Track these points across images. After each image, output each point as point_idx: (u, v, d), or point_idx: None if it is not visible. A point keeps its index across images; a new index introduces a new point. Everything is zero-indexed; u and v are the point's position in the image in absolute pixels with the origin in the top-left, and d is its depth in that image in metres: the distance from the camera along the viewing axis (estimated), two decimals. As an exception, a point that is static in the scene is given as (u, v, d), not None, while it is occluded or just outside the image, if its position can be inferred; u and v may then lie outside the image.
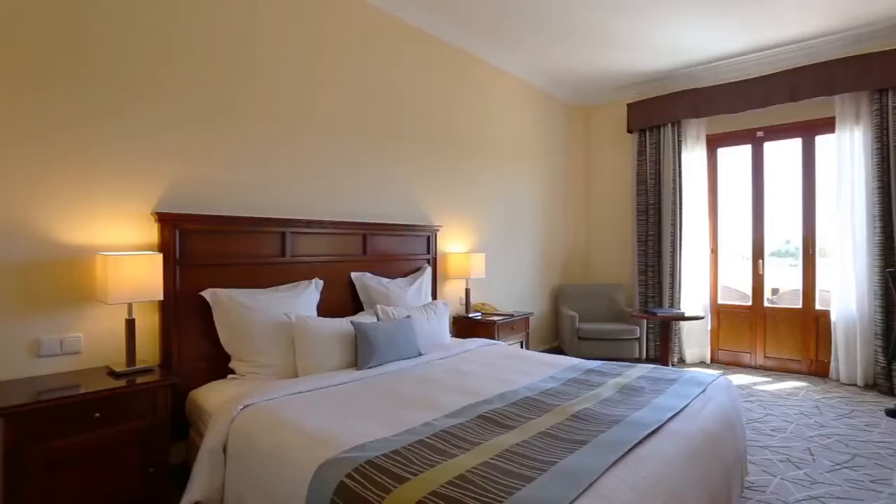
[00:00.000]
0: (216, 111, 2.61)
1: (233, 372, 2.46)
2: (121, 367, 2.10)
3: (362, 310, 3.17)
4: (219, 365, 2.49)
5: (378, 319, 2.92)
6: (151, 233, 2.37)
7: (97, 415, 1.84)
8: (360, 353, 2.58)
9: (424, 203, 3.86)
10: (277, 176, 2.90)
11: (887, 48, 3.97)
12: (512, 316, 3.97)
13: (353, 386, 2.31)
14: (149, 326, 2.36)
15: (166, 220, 2.36)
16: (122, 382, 1.95)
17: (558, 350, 5.20)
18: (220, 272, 2.57)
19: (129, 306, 2.13)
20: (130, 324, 2.11)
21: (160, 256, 2.19)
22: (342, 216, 3.24)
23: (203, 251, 2.50)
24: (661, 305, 5.02)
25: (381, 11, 3.51)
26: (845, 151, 4.17)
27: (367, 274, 3.27)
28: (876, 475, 2.54)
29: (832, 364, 4.30)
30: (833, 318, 4.25)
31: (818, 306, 4.52)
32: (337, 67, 3.23)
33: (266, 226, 2.74)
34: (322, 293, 2.95)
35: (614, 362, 2.75)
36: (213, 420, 2.00)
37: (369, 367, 2.57)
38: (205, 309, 2.47)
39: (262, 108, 2.82)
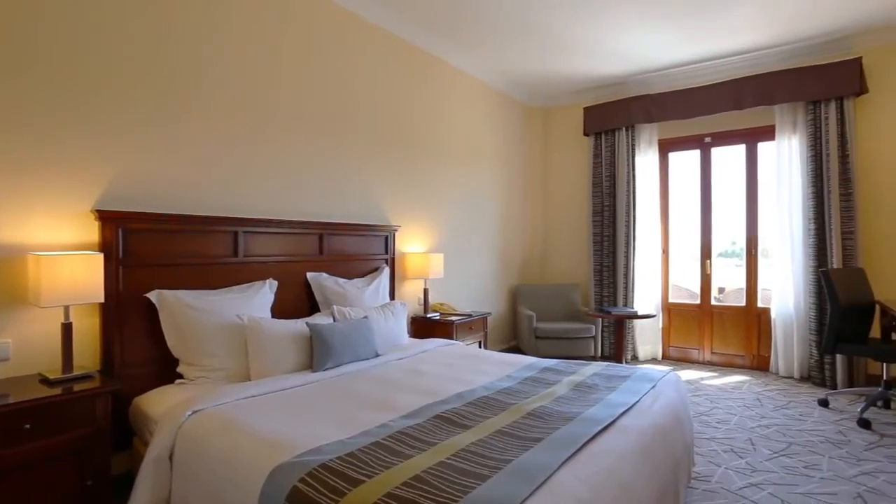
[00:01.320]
0: (165, 105, 2.50)
1: (181, 376, 2.37)
2: (56, 374, 1.97)
3: (318, 311, 3.11)
4: (166, 370, 2.39)
5: (334, 320, 2.87)
6: (92, 232, 2.24)
7: (27, 426, 1.72)
8: (316, 354, 2.53)
9: (383, 203, 3.83)
10: (231, 174, 2.81)
11: (821, 63, 4.24)
12: (470, 316, 4.00)
13: (309, 388, 2.26)
14: (88, 330, 2.23)
15: (108, 219, 2.24)
16: (56, 390, 1.83)
17: (516, 349, 5.27)
18: (168, 273, 2.46)
19: (66, 309, 2.00)
20: (67, 328, 1.99)
21: (101, 256, 2.07)
22: (298, 216, 3.17)
23: (149, 251, 2.39)
24: (615, 304, 5.17)
25: (342, 9, 3.46)
26: (784, 158, 4.41)
27: (324, 274, 3.21)
28: (809, 461, 2.70)
29: (772, 358, 4.54)
30: (773, 315, 4.49)
31: (760, 304, 4.76)
32: (295, 64, 3.16)
33: (218, 225, 2.65)
34: (277, 294, 2.88)
35: (570, 360, 2.81)
36: (159, 427, 1.91)
37: (325, 369, 2.52)
38: (151, 311, 2.36)
39: (217, 104, 2.72)
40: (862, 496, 2.33)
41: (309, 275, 3.15)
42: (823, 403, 3.66)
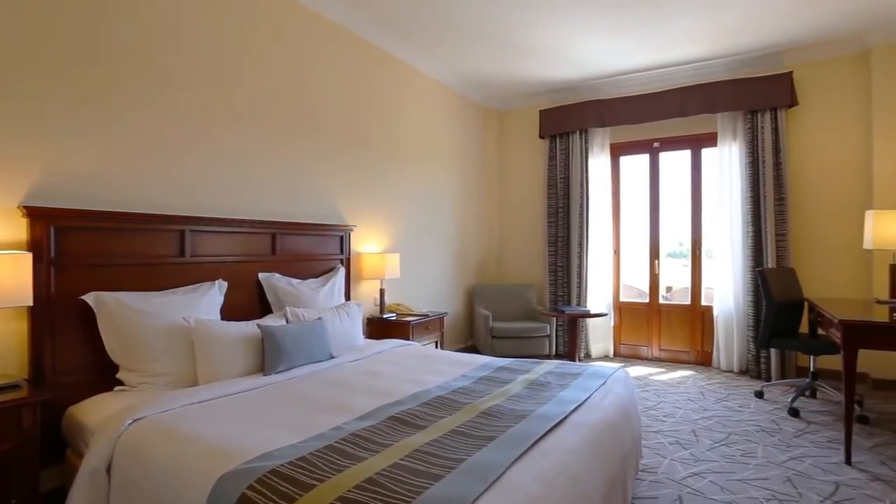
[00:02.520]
0: (105, 97, 2.36)
1: (121, 383, 2.25)
2: (-22, 383, 1.83)
3: (271, 312, 3.03)
4: (104, 376, 2.26)
5: (287, 322, 2.80)
6: (19, 230, 2.09)
7: (-56, 439, 1.59)
8: (268, 357, 2.46)
9: (339, 202, 3.77)
10: (179, 171, 2.69)
11: (758, 75, 4.51)
12: (427, 316, 4.00)
13: (260, 392, 2.20)
14: (15, 336, 2.08)
15: (39, 216, 2.10)
16: (-22, 401, 1.70)
17: (473, 349, 5.31)
18: (107, 273, 2.33)
19: (-10, 313, 1.86)
20: (-8, 333, 1.85)
21: (29, 256, 1.94)
22: (250, 214, 3.08)
23: (86, 251, 2.25)
24: (569, 304, 5.29)
25: (300, 5, 3.39)
26: (725, 163, 4.65)
27: (276, 274, 3.13)
28: (745, 450, 2.86)
29: (714, 354, 4.78)
30: (715, 312, 4.73)
31: (704, 302, 5.00)
32: (249, 60, 3.06)
33: (163, 223, 2.53)
34: (226, 295, 2.78)
35: (525, 359, 2.85)
36: (95, 437, 1.80)
37: (277, 372, 2.46)
38: (87, 315, 2.23)
39: (164, 97, 2.60)
40: (791, 479, 2.49)
41: (261, 275, 3.06)
42: (759, 395, 3.89)
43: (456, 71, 4.93)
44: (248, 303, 2.99)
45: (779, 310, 3.66)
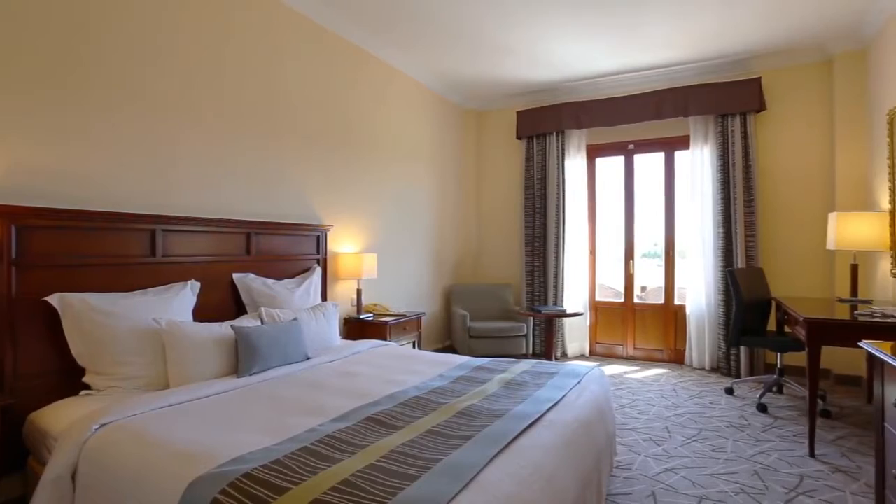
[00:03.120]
0: (72, 90, 2.29)
1: (88, 388, 2.18)
2: (-66, 388, 1.76)
3: (245, 313, 2.98)
4: (69, 380, 2.19)
5: (262, 323, 2.76)
6: (-20, 228, 2.01)
7: None
8: (242, 359, 2.42)
9: (315, 202, 3.73)
10: (151, 169, 2.62)
11: (728, 80, 4.63)
12: (404, 316, 3.99)
13: (234, 395, 2.16)
14: (-25, 338, 2.00)
15: None
16: (-66, 407, 1.63)
17: (450, 349, 5.32)
18: (73, 274, 2.25)
19: (-53, 315, 1.79)
20: (-51, 336, 1.78)
21: (-9, 256, 1.87)
22: (225, 214, 3.02)
23: (50, 250, 2.18)
24: (545, 303, 5.35)
25: (279, 3, 3.35)
26: (697, 166, 4.76)
27: (251, 275, 3.08)
28: (716, 445, 2.93)
29: (687, 352, 4.89)
30: (688, 311, 4.84)
31: (677, 301, 5.11)
32: (227, 58, 3.00)
33: (133, 222, 2.46)
34: (199, 296, 2.72)
35: (502, 359, 2.87)
36: (59, 443, 1.75)
37: (252, 374, 2.42)
38: (52, 317, 2.15)
39: (135, 93, 2.53)
40: (758, 473, 2.56)
41: (235, 276, 3.01)
42: (729, 391, 3.99)
43: (434, 71, 4.93)
44: (221, 304, 2.94)
45: (747, 309, 3.76)
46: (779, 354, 3.84)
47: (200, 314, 2.70)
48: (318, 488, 1.31)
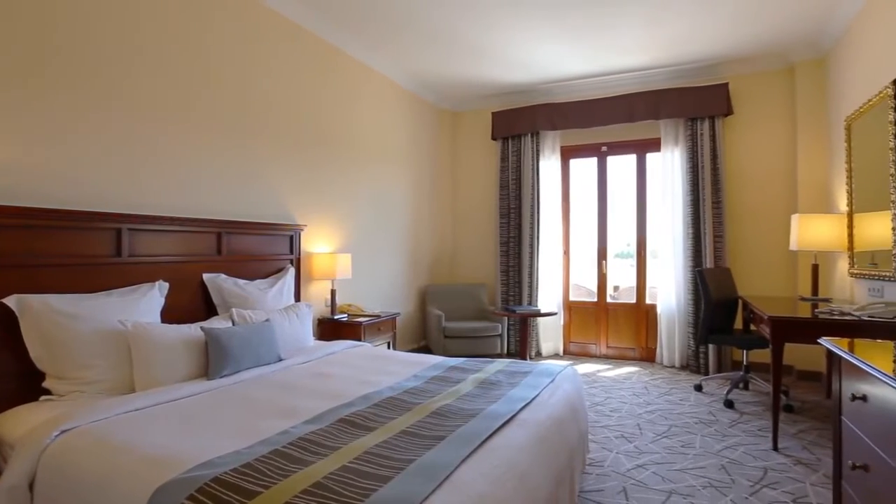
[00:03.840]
0: (29, 75, 2.20)
1: (48, 393, 2.10)
2: None
3: (216, 314, 2.92)
4: (28, 386, 2.10)
5: (233, 324, 2.71)
6: (-69, 226, 1.92)
7: None
8: (212, 361, 2.37)
9: (288, 201, 3.68)
10: (117, 166, 2.54)
11: (697, 84, 4.75)
12: (379, 317, 3.96)
13: (203, 398, 2.11)
14: (-74, 342, 1.91)
15: (-47, 212, 1.93)
16: None
17: (425, 349, 5.32)
18: (33, 275, 2.17)
19: None
20: None
21: (-58, 256, 1.78)
22: (194, 212, 2.95)
23: (6, 250, 2.08)
24: (520, 303, 5.39)
25: (254, 0, 3.29)
26: (668, 168, 4.87)
27: (222, 275, 3.02)
28: (685, 441, 3.01)
29: (658, 350, 4.99)
30: (659, 310, 4.94)
31: (648, 301, 5.21)
32: (198, 53, 2.93)
33: (97, 221, 2.38)
34: (168, 297, 2.65)
35: (476, 358, 2.88)
36: (16, 451, 1.68)
37: (222, 376, 2.37)
38: (9, 319, 2.07)
39: (98, 87, 2.45)
40: (725, 467, 2.64)
41: (206, 276, 2.94)
42: (698, 388, 4.10)
43: (410, 70, 4.91)
44: (191, 305, 2.87)
45: (715, 308, 3.87)
46: (745, 352, 3.96)
47: (169, 316, 2.63)
48: (289, 491, 1.29)
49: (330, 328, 3.79)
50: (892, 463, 1.29)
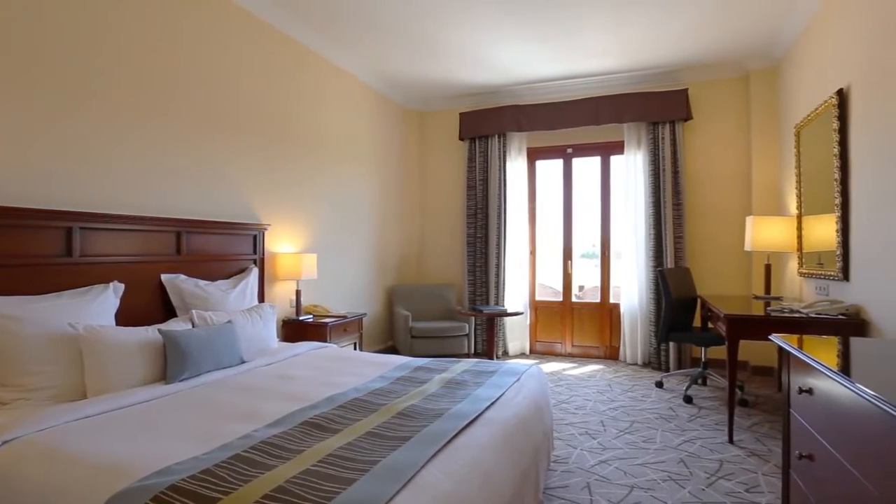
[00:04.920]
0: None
1: (-9, 400, 1.99)
2: None
3: (175, 316, 2.82)
4: (-31, 392, 1.98)
5: (193, 326, 2.63)
6: None
7: None
8: (170, 364, 2.29)
9: (252, 200, 3.59)
10: (67, 161, 2.42)
11: (659, 90, 4.89)
12: (345, 317, 3.92)
13: (161, 402, 2.04)
14: None
15: None
16: None
17: (393, 349, 5.29)
18: (-26, 275, 2.05)
19: None
20: None
21: None
22: (152, 211, 2.85)
23: (-55, 249, 1.97)
24: (487, 303, 5.43)
25: (204, -12, 3.19)
26: (631, 170, 5.00)
27: (182, 276, 2.92)
28: (646, 436, 3.09)
29: (621, 348, 5.12)
30: (622, 309, 5.06)
31: (612, 300, 5.34)
32: (158, 46, 2.82)
33: (45, 219, 2.27)
34: (123, 299, 2.55)
35: (442, 358, 2.89)
36: (-46, 463, 1.58)
37: (181, 380, 2.30)
38: (-53, 322, 1.95)
39: (48, 76, 2.33)
40: (684, 461, 2.73)
41: (164, 277, 2.84)
42: (659, 385, 4.22)
43: (377, 70, 4.88)
44: (149, 307, 2.77)
45: (676, 306, 3.99)
46: (703, 349, 4.10)
47: (124, 318, 2.53)
48: (249, 497, 1.26)
49: (295, 329, 3.73)
50: (834, 452, 1.36)
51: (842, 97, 2.96)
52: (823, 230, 3.24)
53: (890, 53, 2.43)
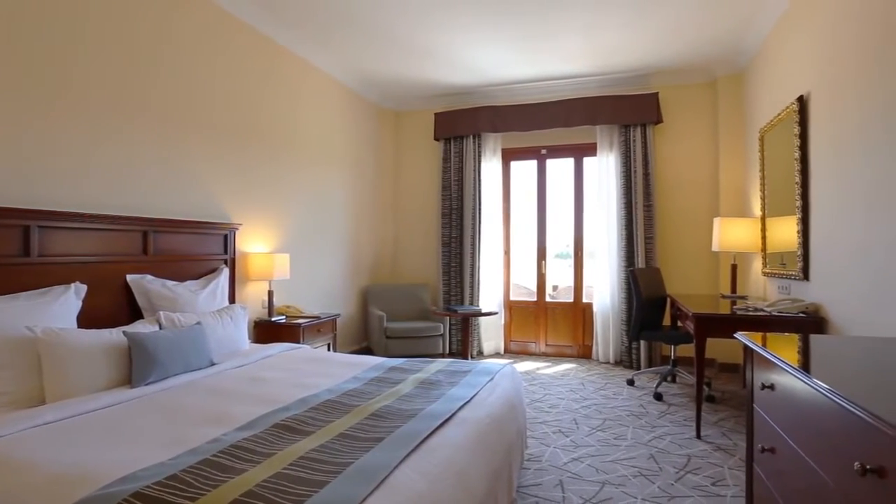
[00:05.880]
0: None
1: (-59, 406, 1.89)
2: None
3: (142, 318, 2.74)
4: (-83, 399, 1.89)
5: (160, 328, 2.56)
6: None
7: None
8: (136, 367, 2.23)
9: (223, 199, 3.52)
10: (25, 157, 2.33)
11: (631, 93, 4.99)
12: (318, 318, 3.87)
13: (126, 407, 1.98)
14: None
15: None
16: None
17: (367, 350, 5.26)
18: (-78, 276, 1.95)
19: None
20: None
21: None
22: (117, 209, 2.76)
23: None
24: (462, 303, 5.44)
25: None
26: (603, 172, 5.08)
27: (149, 276, 2.84)
28: (618, 433, 3.15)
29: (594, 347, 5.20)
30: (595, 309, 5.14)
31: (585, 300, 5.42)
32: (123, 39, 2.73)
33: (1, 217, 2.17)
34: (86, 300, 2.47)
35: (417, 359, 2.88)
36: None
37: (148, 384, 2.23)
38: None
39: (8, 66, 2.24)
40: (654, 456, 2.79)
41: (130, 277, 2.76)
42: (630, 383, 4.30)
43: (352, 68, 4.84)
44: (113, 308, 2.68)
45: (646, 306, 4.08)
46: (672, 347, 4.20)
47: (88, 320, 2.44)
48: (217, 502, 1.23)
49: (267, 330, 3.67)
50: (794, 445, 1.41)
51: (802, 104, 3.07)
52: (786, 232, 3.36)
53: (846, 63, 2.54)
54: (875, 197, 2.27)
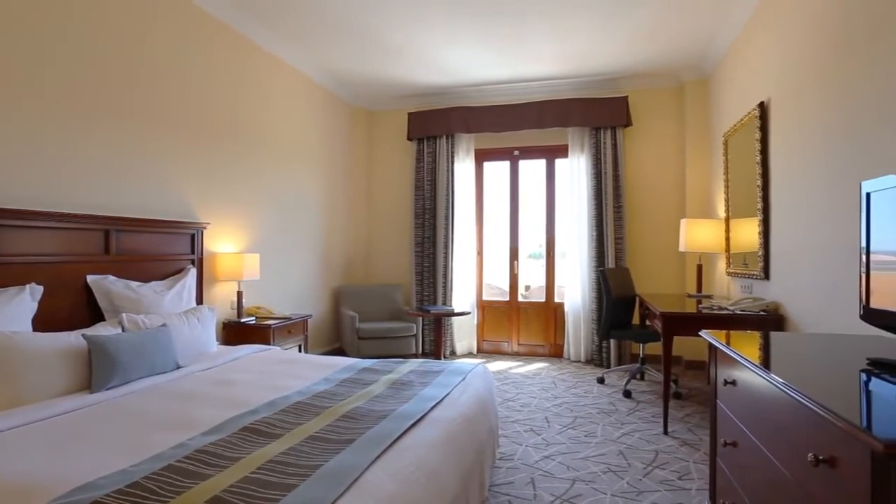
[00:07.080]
0: None
1: None
2: None
3: (103, 320, 2.65)
4: None
5: (123, 330, 2.48)
6: None
7: None
8: (96, 372, 2.15)
9: (189, 197, 3.43)
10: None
11: (602, 96, 5.08)
12: (289, 319, 3.82)
13: (85, 413, 1.91)
14: None
15: None
16: None
17: (340, 351, 5.20)
18: None
19: None
20: None
21: None
22: (77, 207, 2.65)
23: None
24: (435, 303, 5.44)
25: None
26: (574, 173, 5.16)
27: (111, 277, 2.75)
28: (588, 430, 3.20)
29: (565, 346, 5.27)
30: (566, 308, 5.21)
31: (557, 299, 5.48)
32: (85, 28, 2.63)
33: (-52, 215, 2.07)
34: (42, 302, 2.36)
35: (389, 359, 2.86)
36: None
37: (109, 388, 2.16)
38: None
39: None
40: (623, 453, 2.84)
41: (90, 278, 2.66)
42: (601, 381, 4.37)
43: (324, 67, 4.78)
44: (72, 310, 2.58)
45: (616, 305, 4.15)
46: (641, 345, 4.30)
47: (44, 323, 2.35)
48: (181, 509, 1.20)
49: (236, 332, 3.59)
50: (754, 439, 1.46)
51: (763, 109, 3.19)
52: (748, 233, 3.47)
53: (804, 70, 2.64)
54: (831, 199, 2.37)
